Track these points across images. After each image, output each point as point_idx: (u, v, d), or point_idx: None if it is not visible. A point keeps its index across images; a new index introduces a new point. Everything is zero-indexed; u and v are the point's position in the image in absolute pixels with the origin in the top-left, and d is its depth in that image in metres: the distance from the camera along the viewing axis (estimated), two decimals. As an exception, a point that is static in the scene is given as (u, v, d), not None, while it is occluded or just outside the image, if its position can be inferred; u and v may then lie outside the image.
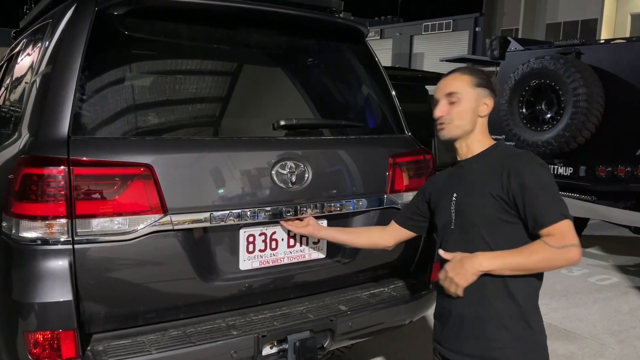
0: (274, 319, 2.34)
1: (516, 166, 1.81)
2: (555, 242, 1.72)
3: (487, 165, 1.90)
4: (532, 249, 1.76)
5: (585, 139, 5.72)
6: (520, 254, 1.77)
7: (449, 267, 1.84)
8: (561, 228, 1.74)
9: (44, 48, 2.32)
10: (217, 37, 2.52)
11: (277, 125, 2.40)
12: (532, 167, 1.81)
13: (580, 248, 1.75)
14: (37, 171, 1.92)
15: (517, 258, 1.77)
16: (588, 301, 5.02)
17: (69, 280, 1.92)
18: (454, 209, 1.94)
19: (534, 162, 1.83)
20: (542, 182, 1.79)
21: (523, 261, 1.76)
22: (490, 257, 1.79)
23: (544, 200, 1.77)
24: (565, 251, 1.72)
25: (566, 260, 1.74)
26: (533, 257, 1.75)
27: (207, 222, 2.16)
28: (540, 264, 1.76)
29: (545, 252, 1.73)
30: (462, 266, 1.81)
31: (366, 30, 2.90)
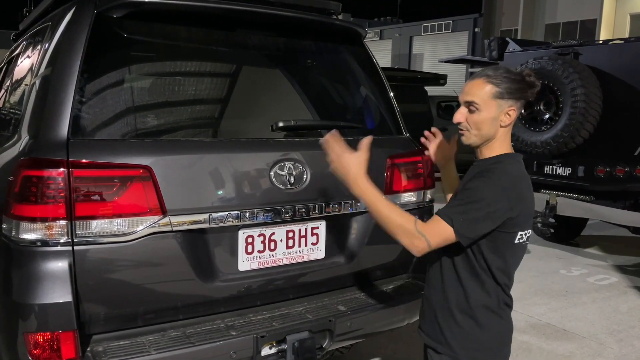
0: (273, 319, 2.35)
1: (479, 173, 1.82)
2: (421, 227, 1.75)
3: (472, 171, 1.90)
4: (400, 212, 1.79)
5: (584, 139, 5.73)
6: (387, 205, 1.80)
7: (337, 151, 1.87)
8: (437, 225, 1.76)
9: (44, 50, 2.33)
10: (216, 39, 2.54)
11: (276, 126, 2.42)
12: (483, 180, 1.78)
13: (428, 249, 1.76)
14: (36, 173, 1.93)
15: (381, 203, 1.79)
16: (587, 301, 5.03)
17: (69, 281, 1.93)
18: None
19: (491, 178, 1.79)
20: (472, 191, 1.77)
21: (383, 209, 1.78)
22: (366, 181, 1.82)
23: (456, 201, 1.80)
24: (417, 236, 1.74)
25: (410, 243, 1.76)
26: (393, 215, 1.77)
27: (206, 223, 2.17)
28: (391, 224, 1.78)
29: (406, 223, 1.76)
30: (342, 157, 1.85)
31: (364, 31, 2.91)
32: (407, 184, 2.76)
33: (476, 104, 1.83)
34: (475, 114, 1.84)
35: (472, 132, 1.87)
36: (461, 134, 1.91)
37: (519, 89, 1.83)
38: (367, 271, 2.75)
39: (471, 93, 1.84)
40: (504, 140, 1.90)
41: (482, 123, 1.84)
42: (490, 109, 1.82)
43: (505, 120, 1.85)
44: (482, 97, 1.82)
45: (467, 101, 1.85)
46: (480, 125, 1.84)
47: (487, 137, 1.87)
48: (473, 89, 1.84)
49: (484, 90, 1.82)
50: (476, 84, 1.84)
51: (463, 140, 1.93)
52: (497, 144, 1.89)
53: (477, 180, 1.79)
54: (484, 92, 1.82)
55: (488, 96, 1.82)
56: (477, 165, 1.92)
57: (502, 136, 1.89)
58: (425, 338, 2.01)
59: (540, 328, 4.36)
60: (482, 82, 1.83)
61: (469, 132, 1.88)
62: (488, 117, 1.83)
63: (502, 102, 1.82)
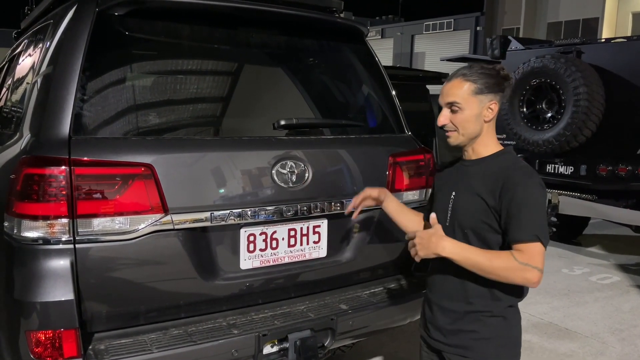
0: (274, 318, 2.34)
1: (513, 179, 1.81)
2: (521, 258, 1.74)
3: (487, 171, 1.89)
4: (497, 255, 1.78)
5: (586, 137, 5.71)
6: (483, 255, 1.78)
7: (420, 234, 1.86)
8: (532, 249, 1.74)
9: (45, 49, 2.33)
10: (218, 37, 2.53)
11: (278, 124, 2.41)
12: (527, 183, 1.80)
13: (541, 274, 1.75)
14: (38, 171, 1.93)
15: (479, 257, 1.78)
16: (589, 300, 5.02)
17: (71, 279, 1.93)
18: (451, 207, 1.95)
19: (530, 178, 1.82)
20: (529, 200, 1.78)
21: (484, 262, 1.77)
22: (455, 246, 1.81)
23: (524, 217, 1.77)
24: (526, 270, 1.73)
25: (523, 278, 1.75)
26: (494, 262, 1.76)
27: (208, 221, 2.17)
28: (498, 271, 1.76)
29: (508, 262, 1.74)
30: (429, 240, 1.82)
31: (366, 29, 2.90)
32: (409, 183, 2.75)
33: (458, 104, 1.86)
34: (459, 113, 1.87)
35: (459, 132, 1.90)
36: (448, 136, 1.93)
37: (496, 82, 1.87)
38: (368, 270, 2.75)
39: (451, 94, 1.88)
40: (493, 136, 1.94)
41: (466, 122, 1.87)
42: (472, 106, 1.86)
43: (488, 115, 1.88)
44: (462, 96, 1.86)
45: (448, 102, 1.89)
46: (466, 124, 1.87)
47: (474, 134, 1.90)
48: (452, 90, 1.88)
49: (462, 89, 1.86)
50: (454, 84, 1.88)
51: (450, 142, 1.94)
52: (489, 139, 1.93)
53: (519, 185, 1.78)
54: (464, 91, 1.86)
55: (468, 94, 1.86)
56: (479, 165, 1.92)
57: (490, 131, 1.93)
58: (444, 347, 1.97)
59: (542, 327, 4.36)
60: (459, 82, 1.87)
61: (456, 132, 1.91)
62: (471, 114, 1.86)
63: (482, 98, 1.86)
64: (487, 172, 1.88)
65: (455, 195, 1.95)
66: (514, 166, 1.87)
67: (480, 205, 1.85)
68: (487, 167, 1.91)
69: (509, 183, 1.80)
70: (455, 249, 1.80)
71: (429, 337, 2.04)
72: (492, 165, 1.90)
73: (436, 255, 1.82)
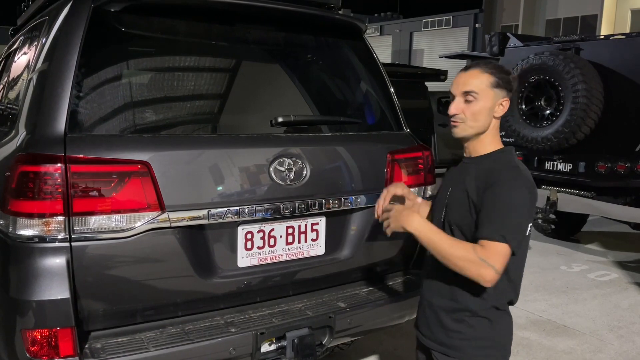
0: (272, 316, 2.33)
1: (497, 177, 1.78)
2: (481, 253, 1.71)
3: (480, 169, 1.87)
4: (459, 244, 1.76)
5: (585, 135, 5.70)
6: (446, 240, 1.78)
7: (397, 208, 1.91)
8: (494, 247, 1.71)
9: (41, 45, 2.31)
10: (214, 33, 2.51)
11: (275, 122, 2.40)
12: (509, 184, 1.77)
13: (497, 275, 1.71)
14: (33, 169, 1.92)
15: (442, 241, 1.77)
16: (587, 297, 5.02)
17: (67, 278, 1.92)
18: (446, 203, 1.95)
19: (515, 180, 1.78)
20: (506, 200, 1.75)
21: (444, 246, 1.76)
22: (423, 225, 1.82)
23: (495, 215, 1.74)
24: (482, 265, 1.70)
25: (478, 274, 1.71)
26: (453, 250, 1.74)
27: (205, 219, 2.16)
28: (455, 259, 1.74)
29: (466, 253, 1.72)
30: (400, 214, 1.87)
31: (364, 26, 2.89)
32: (408, 180, 2.74)
33: (475, 93, 1.84)
34: (473, 103, 1.85)
35: (469, 124, 1.87)
36: (455, 126, 1.89)
37: (509, 80, 1.87)
38: (367, 267, 2.74)
39: (468, 83, 1.85)
40: (496, 134, 1.92)
41: (479, 113, 1.85)
42: (488, 98, 1.84)
43: (499, 111, 1.87)
44: (480, 86, 1.84)
45: (465, 91, 1.85)
46: (478, 115, 1.85)
47: (483, 128, 1.88)
48: (470, 79, 1.85)
49: (481, 79, 1.84)
50: (472, 74, 1.86)
51: (456, 133, 1.91)
52: (491, 137, 1.91)
53: (502, 184, 1.76)
54: (482, 81, 1.84)
55: (486, 85, 1.84)
56: (478, 163, 1.90)
57: (495, 129, 1.91)
58: (431, 344, 1.97)
59: (541, 324, 4.36)
60: (478, 72, 1.85)
61: (465, 123, 1.87)
62: (485, 106, 1.85)
63: (498, 92, 1.85)
64: (480, 170, 1.87)
65: (450, 191, 1.96)
66: (505, 166, 1.84)
67: (465, 201, 1.85)
68: (482, 165, 1.89)
69: (493, 180, 1.78)
70: (421, 226, 1.82)
71: (421, 334, 2.05)
72: (487, 163, 1.88)
73: (403, 229, 1.85)
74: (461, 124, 1.87)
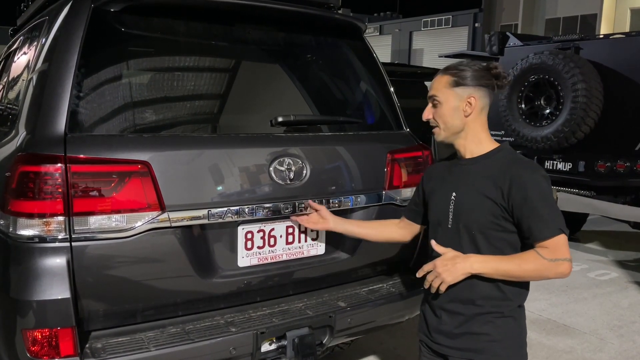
0: (272, 315, 2.33)
1: (519, 176, 1.79)
2: (548, 255, 1.73)
3: (489, 169, 1.87)
4: (524, 258, 1.77)
5: (585, 134, 5.71)
6: (511, 261, 1.77)
7: (439, 262, 1.83)
8: (557, 242, 1.74)
9: (41, 45, 2.31)
10: (214, 33, 2.51)
11: (275, 121, 2.40)
12: (535, 179, 1.79)
13: (571, 263, 1.76)
14: (34, 169, 1.92)
15: (509, 265, 1.77)
16: (587, 296, 5.02)
17: (67, 277, 1.92)
18: (452, 208, 1.92)
19: (537, 172, 1.82)
20: (543, 195, 1.78)
21: (514, 269, 1.77)
22: (482, 261, 1.80)
23: (543, 214, 1.76)
24: (557, 264, 1.73)
25: (556, 273, 1.75)
26: (524, 266, 1.76)
27: (205, 219, 2.16)
28: (530, 273, 1.77)
29: (537, 263, 1.74)
30: (453, 264, 1.80)
31: (364, 25, 2.89)
32: (408, 180, 2.74)
33: (437, 97, 1.90)
34: (438, 107, 1.90)
35: (441, 127, 1.92)
36: (434, 131, 1.95)
37: (478, 76, 1.86)
38: (367, 267, 2.74)
39: (432, 88, 1.92)
40: (484, 132, 1.93)
41: (444, 115, 1.89)
42: (449, 98, 1.87)
43: (468, 110, 1.87)
44: (440, 89, 1.89)
45: (429, 96, 1.93)
46: (444, 117, 1.89)
47: (455, 129, 1.90)
48: (434, 84, 1.92)
49: (440, 82, 1.90)
50: (437, 79, 1.92)
51: (436, 138, 1.95)
52: (480, 135, 1.91)
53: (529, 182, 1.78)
54: (442, 84, 1.89)
55: (445, 86, 1.88)
56: (479, 164, 1.90)
57: (479, 128, 1.91)
58: (452, 352, 1.93)
59: (541, 323, 4.36)
60: (440, 76, 1.91)
61: (438, 127, 1.93)
62: (449, 107, 1.88)
63: (459, 90, 1.86)
64: (490, 171, 1.86)
65: (456, 196, 1.92)
66: (517, 163, 1.85)
67: (488, 206, 1.82)
68: (488, 165, 1.88)
69: (518, 182, 1.78)
70: (483, 263, 1.79)
71: (433, 342, 1.99)
72: (493, 163, 1.88)
73: (464, 276, 1.80)
74: (436, 128, 1.93)
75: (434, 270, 1.83)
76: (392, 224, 2.36)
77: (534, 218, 1.76)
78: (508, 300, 1.86)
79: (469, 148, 1.93)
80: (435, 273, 1.83)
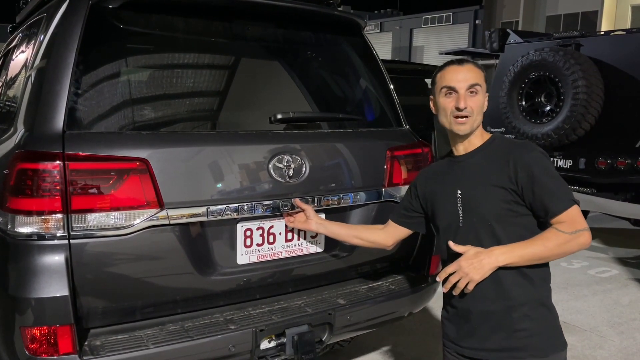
0: (272, 313, 2.33)
1: (521, 157, 1.81)
2: (567, 228, 1.74)
3: (488, 158, 1.88)
4: (546, 237, 1.77)
5: (585, 131, 5.70)
6: (534, 244, 1.77)
7: (464, 262, 1.79)
8: (571, 214, 1.76)
9: (39, 42, 2.30)
10: (213, 30, 2.51)
11: (274, 118, 2.39)
12: (536, 156, 1.82)
13: (590, 231, 1.78)
14: (32, 166, 1.91)
15: (533, 248, 1.77)
16: (588, 293, 5.02)
17: (66, 275, 1.91)
18: (461, 205, 1.91)
19: (535, 151, 1.85)
20: (548, 171, 1.80)
21: (539, 250, 1.77)
22: (506, 251, 1.78)
23: (553, 189, 1.78)
24: (577, 236, 1.75)
25: (578, 244, 1.76)
26: (548, 244, 1.76)
27: (204, 216, 2.15)
28: (555, 250, 1.76)
29: (559, 239, 1.75)
30: (479, 261, 1.78)
31: (363, 22, 2.88)
32: (407, 177, 2.73)
33: (479, 86, 1.89)
34: (479, 95, 1.90)
35: (475, 117, 1.90)
36: (463, 122, 1.89)
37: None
38: (366, 264, 2.74)
39: (471, 77, 1.89)
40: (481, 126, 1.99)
41: (482, 105, 1.91)
42: (484, 91, 1.92)
43: (486, 104, 1.94)
44: (480, 78, 1.91)
45: (472, 84, 1.88)
46: (481, 107, 1.91)
47: (480, 121, 1.94)
48: (471, 73, 1.89)
49: (479, 73, 1.91)
50: (470, 68, 1.91)
51: (464, 130, 1.90)
52: (481, 129, 1.98)
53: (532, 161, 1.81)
54: (481, 75, 1.91)
55: (483, 79, 1.91)
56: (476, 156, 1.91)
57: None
58: (488, 355, 1.86)
59: (541, 321, 4.35)
60: (474, 67, 1.92)
61: (472, 117, 1.89)
62: (484, 98, 1.93)
63: (485, 87, 1.93)
64: (490, 160, 1.87)
65: (462, 193, 1.91)
66: (514, 146, 1.89)
67: (498, 194, 1.82)
68: (486, 156, 1.90)
69: (521, 163, 1.80)
70: (508, 253, 1.78)
71: (463, 347, 1.93)
72: (491, 152, 1.89)
73: (492, 270, 1.78)
74: (470, 118, 1.88)
75: (458, 271, 1.80)
76: (375, 228, 2.37)
77: (545, 194, 1.78)
78: (535, 286, 1.83)
79: (472, 142, 1.94)
80: (461, 273, 1.79)
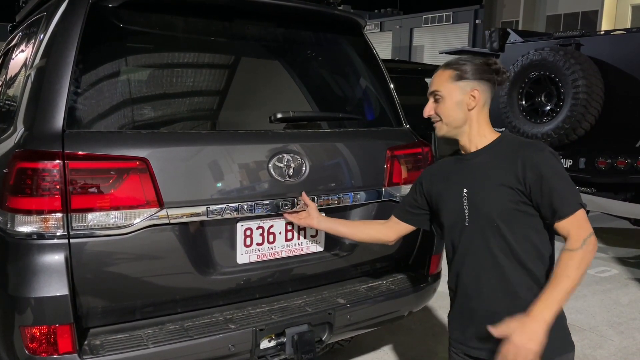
0: (272, 312, 2.33)
1: (530, 156, 1.78)
2: (575, 242, 1.71)
3: (496, 157, 1.86)
4: (564, 267, 1.71)
5: (585, 130, 5.69)
6: (561, 280, 1.69)
7: (516, 338, 1.65)
8: (578, 218, 1.74)
9: (39, 41, 2.30)
10: (213, 29, 2.50)
11: (274, 118, 2.39)
12: (545, 156, 1.79)
13: (594, 234, 1.76)
14: (31, 165, 1.91)
15: (563, 284, 1.69)
16: (588, 293, 5.02)
17: (65, 274, 1.91)
18: (467, 204, 1.89)
19: (545, 150, 1.81)
20: (557, 171, 1.77)
21: (568, 283, 1.69)
22: (545, 306, 1.68)
23: (561, 190, 1.75)
24: (587, 246, 1.72)
25: (591, 252, 1.74)
26: (570, 273, 1.69)
27: (204, 215, 2.15)
28: (578, 272, 1.70)
29: (575, 259, 1.70)
30: (524, 331, 1.65)
31: (363, 22, 2.88)
32: (408, 176, 2.73)
33: (439, 92, 1.88)
34: (441, 102, 1.89)
35: (444, 122, 1.90)
36: (435, 127, 1.93)
37: (479, 70, 1.87)
38: (366, 263, 2.74)
39: (434, 83, 1.90)
40: (487, 124, 1.93)
41: (448, 109, 1.88)
42: (453, 93, 1.87)
43: (472, 103, 1.88)
44: (443, 84, 1.88)
45: (431, 92, 1.91)
46: (448, 112, 1.88)
47: (458, 123, 1.89)
48: (435, 80, 1.90)
49: (442, 77, 1.89)
50: (438, 74, 1.91)
51: (437, 133, 1.94)
52: (483, 128, 1.91)
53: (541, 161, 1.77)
54: (444, 79, 1.88)
55: (448, 81, 1.87)
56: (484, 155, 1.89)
57: (481, 119, 1.91)
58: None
59: (541, 320, 4.35)
60: (441, 71, 1.90)
61: (441, 122, 1.91)
62: (452, 102, 1.87)
63: (462, 84, 1.86)
64: (498, 159, 1.85)
65: (468, 192, 1.89)
66: (523, 145, 1.85)
67: (505, 194, 1.80)
68: (494, 155, 1.87)
69: (530, 163, 1.77)
70: (548, 305, 1.67)
71: (471, 348, 1.92)
72: (499, 151, 1.87)
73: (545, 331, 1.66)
74: (438, 123, 1.92)
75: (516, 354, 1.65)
76: (376, 224, 2.37)
77: (553, 195, 1.75)
78: (542, 286, 1.77)
79: (474, 142, 1.91)
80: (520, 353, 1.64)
